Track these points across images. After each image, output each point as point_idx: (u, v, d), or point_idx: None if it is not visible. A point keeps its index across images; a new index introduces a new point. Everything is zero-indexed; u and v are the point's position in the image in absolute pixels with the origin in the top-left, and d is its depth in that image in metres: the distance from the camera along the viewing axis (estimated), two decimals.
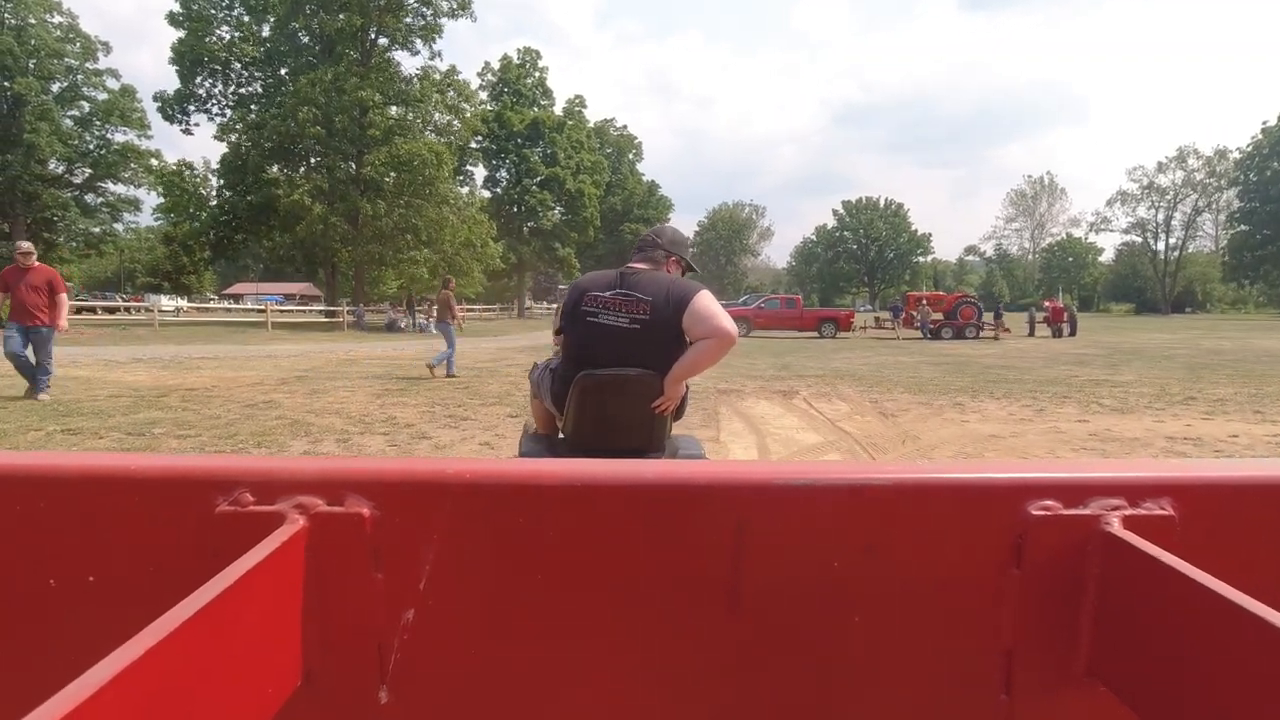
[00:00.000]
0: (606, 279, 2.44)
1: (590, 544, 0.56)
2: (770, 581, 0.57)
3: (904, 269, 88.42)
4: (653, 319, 2.31)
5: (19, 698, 0.58)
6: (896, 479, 0.56)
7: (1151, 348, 19.53)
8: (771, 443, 6.29)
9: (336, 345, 19.60)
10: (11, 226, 32.41)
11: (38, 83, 31.21)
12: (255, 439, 6.05)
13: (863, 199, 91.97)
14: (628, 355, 2.33)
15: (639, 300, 2.34)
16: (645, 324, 2.32)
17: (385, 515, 0.55)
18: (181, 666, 0.40)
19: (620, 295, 2.36)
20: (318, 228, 27.77)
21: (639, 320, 2.32)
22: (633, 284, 2.38)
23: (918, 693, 0.59)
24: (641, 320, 2.32)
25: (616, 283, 2.40)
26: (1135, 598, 0.51)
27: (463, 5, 31.31)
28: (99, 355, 14.35)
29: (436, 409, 7.85)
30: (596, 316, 2.35)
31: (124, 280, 65.86)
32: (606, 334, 2.33)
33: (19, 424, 6.49)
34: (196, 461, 0.57)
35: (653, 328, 2.32)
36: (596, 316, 2.35)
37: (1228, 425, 7.05)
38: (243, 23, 32.44)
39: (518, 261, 48.41)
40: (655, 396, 2.30)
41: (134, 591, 0.56)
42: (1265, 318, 57.33)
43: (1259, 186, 62.06)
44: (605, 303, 2.36)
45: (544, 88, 50.37)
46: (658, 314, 2.32)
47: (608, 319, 2.34)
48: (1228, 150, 70.32)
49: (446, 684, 0.58)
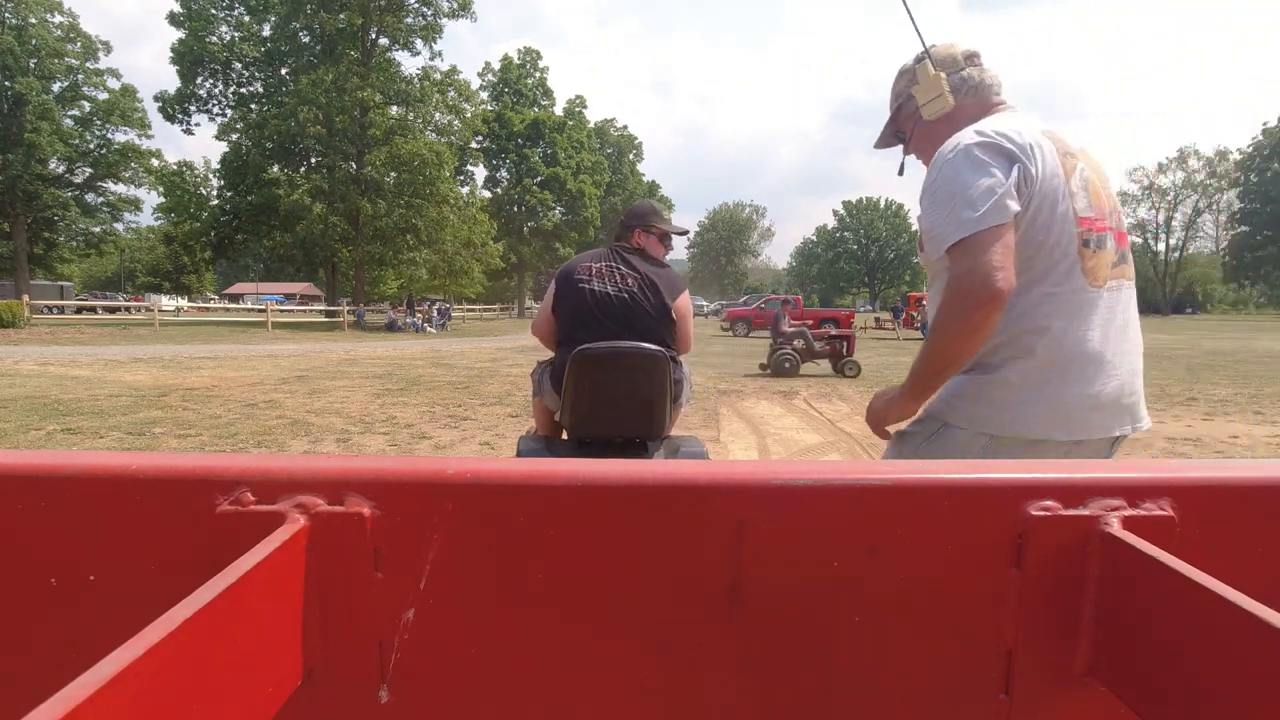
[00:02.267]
0: (596, 253, 2.56)
1: (590, 544, 0.56)
2: (770, 581, 0.57)
3: (904, 269, 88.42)
4: (639, 293, 2.42)
5: (19, 698, 0.58)
6: (896, 479, 0.56)
7: (1152, 348, 19.51)
8: (772, 443, 6.29)
9: (337, 345, 19.61)
10: (12, 226, 32.42)
11: (38, 82, 31.19)
12: (255, 439, 6.05)
13: (863, 199, 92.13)
14: (620, 325, 2.38)
15: (625, 273, 2.45)
16: (632, 295, 2.42)
17: (386, 515, 0.55)
18: (182, 665, 0.40)
19: (608, 266, 2.47)
20: (318, 227, 27.77)
21: (627, 291, 2.42)
22: (619, 258, 2.50)
23: (918, 693, 0.59)
24: (629, 291, 2.42)
25: (605, 256, 2.53)
26: (1135, 598, 0.51)
27: (463, 5, 31.33)
28: (99, 355, 14.36)
29: (436, 409, 7.85)
30: (589, 283, 2.43)
31: (124, 280, 65.89)
32: (599, 301, 2.41)
33: (19, 424, 6.50)
34: (197, 461, 0.57)
35: (639, 301, 2.41)
36: (589, 283, 2.43)
37: (1228, 426, 7.05)
38: (243, 22, 32.45)
39: (518, 261, 48.45)
40: (655, 373, 2.30)
41: (134, 591, 0.56)
42: (1266, 318, 57.31)
43: (1259, 187, 62.06)
44: (597, 272, 2.46)
45: (544, 88, 50.39)
46: (643, 289, 2.43)
47: (599, 285, 2.43)
48: (1228, 151, 70.35)
49: (446, 684, 0.58)
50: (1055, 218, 1.28)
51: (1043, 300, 1.29)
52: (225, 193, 32.18)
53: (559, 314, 2.50)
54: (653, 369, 2.27)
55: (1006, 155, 1.27)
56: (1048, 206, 1.28)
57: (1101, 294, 1.31)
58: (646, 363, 2.27)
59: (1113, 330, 1.32)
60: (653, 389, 2.28)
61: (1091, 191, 1.33)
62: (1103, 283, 1.31)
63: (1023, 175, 1.26)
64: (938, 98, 1.43)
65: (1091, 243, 1.30)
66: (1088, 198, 1.32)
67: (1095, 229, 1.31)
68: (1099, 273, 1.30)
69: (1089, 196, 1.32)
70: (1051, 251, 1.29)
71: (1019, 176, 1.26)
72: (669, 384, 2.33)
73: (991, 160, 1.27)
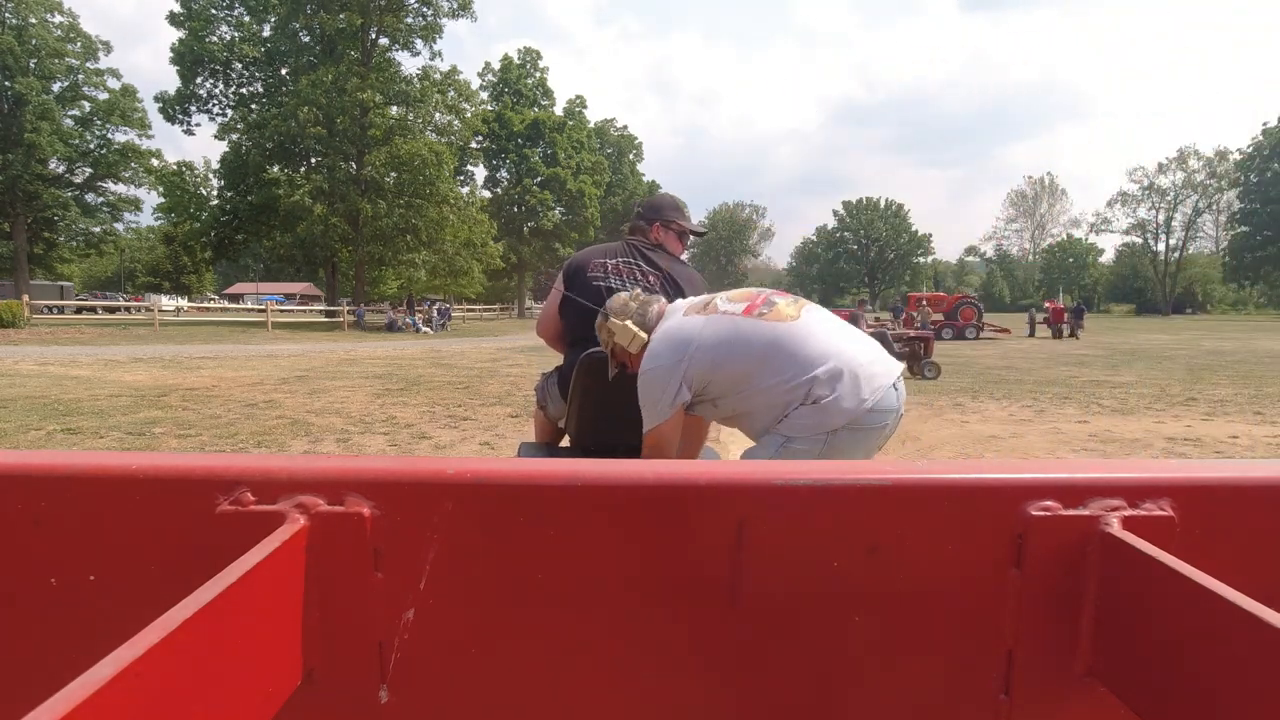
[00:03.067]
0: (609, 248, 2.29)
1: (590, 544, 0.56)
2: (770, 581, 0.57)
3: (904, 269, 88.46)
4: (661, 291, 2.17)
5: (19, 698, 0.58)
6: (896, 479, 0.56)
7: (1152, 348, 19.52)
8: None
9: (336, 345, 19.61)
10: (12, 226, 32.41)
11: (38, 82, 31.18)
12: (255, 439, 6.05)
13: (863, 199, 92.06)
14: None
15: (646, 270, 2.22)
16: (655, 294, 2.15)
17: (385, 515, 0.55)
18: (182, 665, 0.40)
19: (626, 263, 2.23)
20: (318, 228, 27.78)
21: (649, 290, 2.16)
22: (639, 254, 2.25)
23: (918, 693, 0.59)
24: (652, 290, 2.16)
25: (622, 251, 2.27)
26: (1135, 598, 0.51)
27: (463, 5, 31.33)
28: (99, 355, 14.37)
29: (436, 409, 7.85)
30: (605, 280, 2.19)
31: (124, 280, 65.88)
32: None
33: (19, 424, 6.50)
34: (197, 461, 0.57)
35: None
36: (605, 280, 2.19)
37: (1228, 426, 7.05)
38: (243, 23, 32.47)
39: (518, 261, 48.45)
40: None
41: (135, 591, 0.56)
42: (1266, 319, 57.32)
43: (1259, 187, 62.02)
44: (614, 269, 2.21)
45: (544, 88, 50.40)
46: (665, 289, 2.19)
47: (616, 283, 2.18)
48: (1228, 151, 70.30)
49: (446, 684, 0.58)
50: (736, 341, 1.77)
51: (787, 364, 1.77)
52: (225, 193, 32.18)
53: (568, 312, 2.26)
54: None
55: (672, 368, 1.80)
56: (724, 348, 1.77)
57: (799, 320, 1.80)
58: None
59: (835, 331, 1.82)
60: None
61: (735, 297, 1.88)
62: (796, 316, 1.81)
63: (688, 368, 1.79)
64: (633, 339, 1.91)
65: (758, 311, 1.81)
66: (736, 303, 1.85)
67: (756, 305, 1.83)
68: (785, 313, 1.81)
69: (737, 301, 1.85)
70: (755, 351, 1.77)
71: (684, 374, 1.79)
72: None
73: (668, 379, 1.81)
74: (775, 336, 1.76)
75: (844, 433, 1.73)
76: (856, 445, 1.75)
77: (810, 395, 1.71)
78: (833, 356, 1.73)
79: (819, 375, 1.70)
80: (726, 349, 1.78)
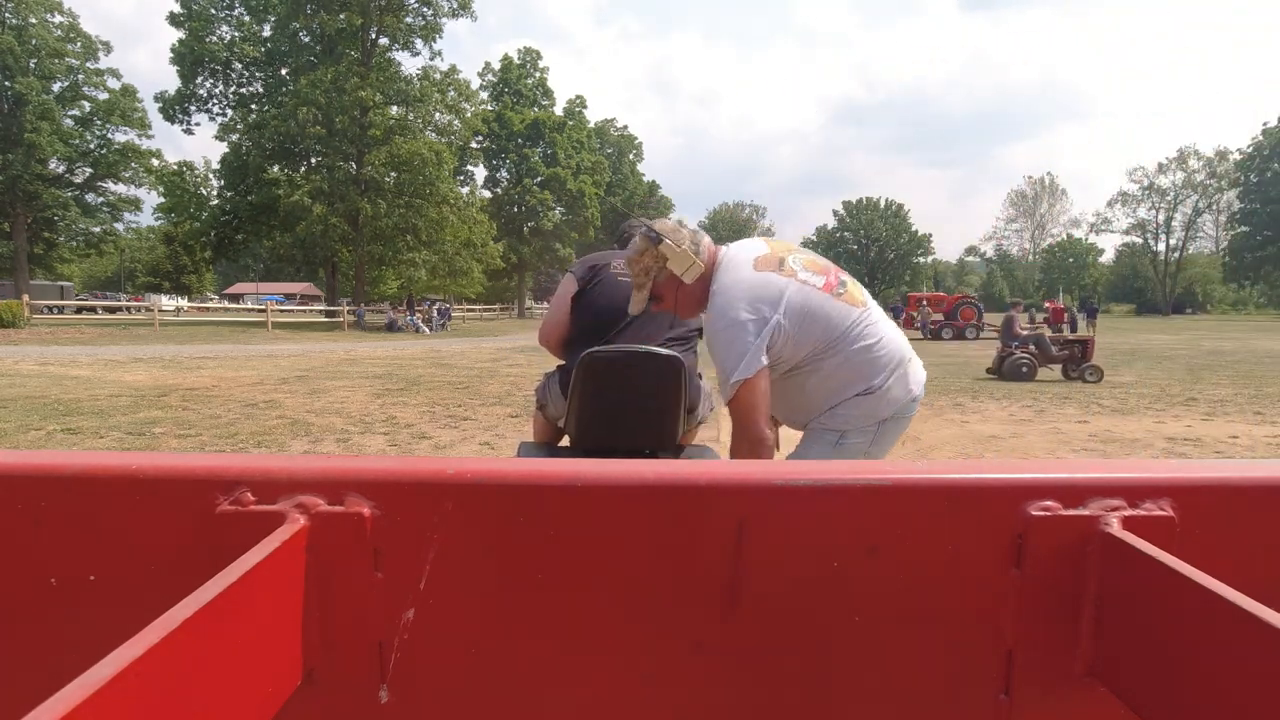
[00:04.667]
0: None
1: (590, 544, 0.56)
2: (771, 581, 0.57)
3: (904, 269, 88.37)
4: None
5: (19, 698, 0.58)
6: (896, 479, 0.56)
7: (1152, 349, 19.52)
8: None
9: (337, 345, 19.61)
10: (12, 226, 32.41)
11: (38, 82, 31.17)
12: (256, 438, 6.05)
13: (863, 199, 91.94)
14: (648, 331, 2.15)
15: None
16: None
17: (385, 515, 0.55)
18: (182, 665, 0.40)
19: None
20: (318, 228, 27.77)
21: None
22: None
23: (918, 693, 0.59)
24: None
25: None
26: (1135, 598, 0.51)
27: (463, 5, 31.34)
28: (99, 355, 14.37)
29: (436, 409, 7.85)
30: (627, 275, 2.09)
31: (124, 280, 65.90)
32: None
33: (19, 424, 6.50)
34: (197, 461, 0.57)
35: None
36: (627, 275, 2.09)
37: (1228, 426, 7.05)
38: (243, 23, 32.47)
39: (518, 261, 48.44)
40: (668, 381, 2.04)
41: (135, 591, 0.56)
42: (1266, 319, 57.32)
43: (1259, 188, 62.00)
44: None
45: (544, 88, 50.39)
46: None
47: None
48: (1228, 151, 70.27)
49: (446, 684, 0.58)
50: (819, 316, 1.71)
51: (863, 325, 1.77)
52: (225, 193, 32.18)
53: (584, 310, 2.21)
54: (664, 376, 2.07)
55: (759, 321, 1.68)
56: (808, 319, 1.70)
57: (868, 309, 1.77)
58: (658, 369, 2.06)
59: (888, 320, 1.84)
60: (665, 397, 2.08)
61: (810, 266, 1.78)
62: (865, 304, 1.78)
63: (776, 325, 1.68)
64: (691, 266, 1.76)
65: (835, 290, 1.76)
66: (813, 274, 1.76)
67: (833, 284, 1.76)
68: (857, 298, 1.77)
69: (814, 273, 1.76)
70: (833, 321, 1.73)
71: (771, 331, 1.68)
72: (683, 393, 2.11)
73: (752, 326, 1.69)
74: (851, 321, 1.72)
75: (890, 422, 1.76)
76: (894, 435, 1.80)
77: (870, 386, 1.72)
78: (894, 347, 1.76)
79: (881, 364, 1.72)
80: (810, 321, 1.70)
